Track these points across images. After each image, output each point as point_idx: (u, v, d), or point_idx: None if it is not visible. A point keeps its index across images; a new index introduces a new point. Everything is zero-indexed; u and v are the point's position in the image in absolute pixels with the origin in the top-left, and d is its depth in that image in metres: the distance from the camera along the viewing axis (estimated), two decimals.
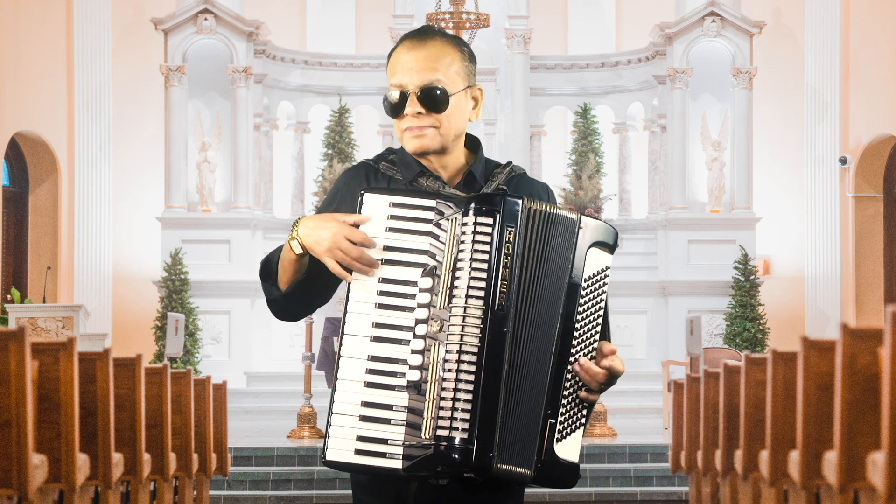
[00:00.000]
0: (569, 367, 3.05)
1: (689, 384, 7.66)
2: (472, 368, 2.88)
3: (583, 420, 3.11)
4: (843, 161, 16.90)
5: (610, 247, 3.12)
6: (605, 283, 3.12)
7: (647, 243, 16.41)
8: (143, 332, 15.81)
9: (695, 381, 7.49)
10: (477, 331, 2.89)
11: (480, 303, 2.89)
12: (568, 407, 3.07)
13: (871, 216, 17.00)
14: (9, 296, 13.36)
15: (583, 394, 3.08)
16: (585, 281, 3.07)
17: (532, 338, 2.97)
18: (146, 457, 5.60)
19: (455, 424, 2.87)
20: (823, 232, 17.11)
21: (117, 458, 4.91)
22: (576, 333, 3.06)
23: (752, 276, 15.85)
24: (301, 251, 3.06)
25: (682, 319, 14.66)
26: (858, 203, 17.00)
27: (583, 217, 3.08)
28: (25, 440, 3.52)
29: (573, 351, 3.06)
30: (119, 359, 5.29)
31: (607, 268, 3.12)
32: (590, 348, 3.09)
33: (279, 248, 3.17)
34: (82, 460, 4.30)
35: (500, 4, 16.80)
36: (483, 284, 2.90)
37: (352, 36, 17.71)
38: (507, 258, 2.92)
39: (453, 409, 2.87)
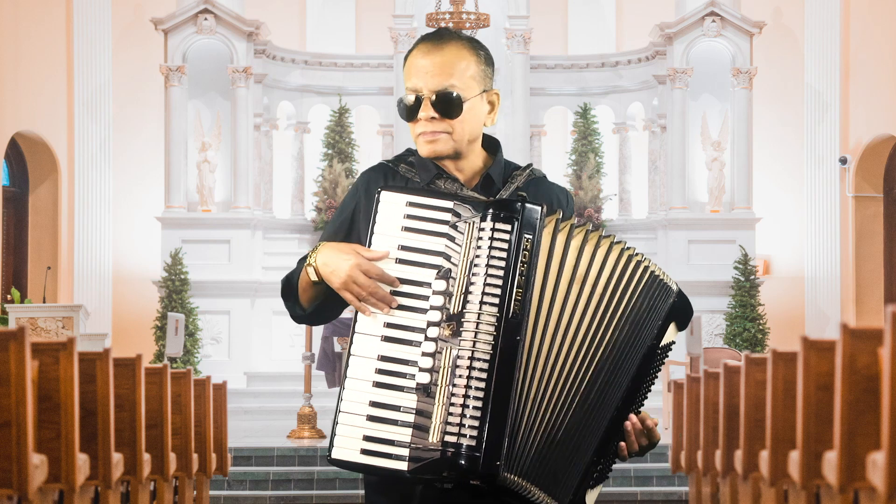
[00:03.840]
0: (625, 423, 3.11)
1: (689, 384, 7.66)
2: (484, 375, 2.86)
3: (608, 474, 3.18)
4: (843, 161, 16.90)
5: (684, 325, 3.18)
6: (666, 357, 3.17)
7: (647, 243, 16.40)
8: (143, 332, 15.81)
9: (695, 381, 7.49)
10: (490, 337, 2.87)
11: (495, 309, 2.88)
12: (609, 458, 3.13)
13: (871, 216, 17.00)
14: (9, 296, 13.36)
15: (623, 452, 3.15)
16: (659, 350, 3.12)
17: (567, 356, 2.96)
18: (146, 457, 5.59)
19: (464, 431, 2.85)
20: (823, 232, 17.11)
21: (117, 458, 4.91)
22: (637, 395, 3.11)
23: (752, 276, 15.84)
24: (317, 279, 3.07)
25: None
26: (858, 203, 17.01)
27: (680, 290, 3.15)
28: (25, 440, 3.52)
29: (631, 409, 3.11)
30: (119, 359, 5.29)
31: (673, 343, 3.17)
32: (636, 413, 3.15)
33: (299, 267, 3.17)
34: (82, 460, 4.30)
35: (500, 4, 16.80)
36: (498, 291, 2.88)
37: (352, 36, 17.70)
38: (523, 266, 2.90)
39: (462, 415, 2.85)
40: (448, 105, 3.09)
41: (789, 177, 17.26)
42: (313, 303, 3.18)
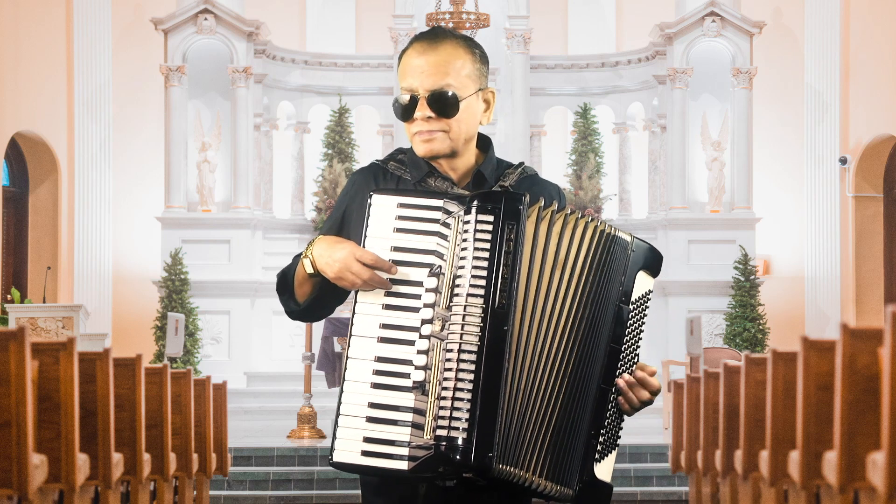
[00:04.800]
0: (613, 389, 3.07)
1: (689, 384, 7.66)
2: (472, 367, 2.86)
3: (618, 441, 3.14)
4: (843, 161, 16.90)
5: (655, 271, 3.15)
6: (647, 308, 3.14)
7: None
8: (143, 332, 15.81)
9: (695, 381, 7.49)
10: (476, 329, 2.87)
11: (480, 301, 2.88)
12: (608, 427, 3.09)
13: (871, 216, 17.00)
14: (9, 296, 13.35)
15: (625, 406, 3.11)
16: (632, 304, 3.09)
17: (553, 343, 2.96)
18: (146, 457, 5.59)
19: (454, 424, 2.85)
20: (823, 232, 17.11)
21: (117, 458, 4.91)
22: (621, 356, 3.08)
23: (752, 276, 15.84)
24: (312, 271, 3.07)
25: (682, 319, 14.66)
26: (858, 203, 17.00)
27: (635, 239, 3.10)
28: (25, 440, 3.51)
29: (617, 373, 3.08)
30: (119, 359, 5.29)
31: (650, 291, 3.14)
32: (630, 371, 3.11)
33: (294, 262, 3.17)
34: (82, 460, 4.30)
35: (500, 4, 16.80)
36: (483, 283, 2.88)
37: (352, 36, 17.70)
38: (507, 256, 2.90)
39: (452, 408, 2.85)
40: (444, 104, 3.09)
41: (789, 177, 17.26)
42: (308, 297, 3.18)
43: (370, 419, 2.90)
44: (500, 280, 2.89)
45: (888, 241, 16.91)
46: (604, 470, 3.08)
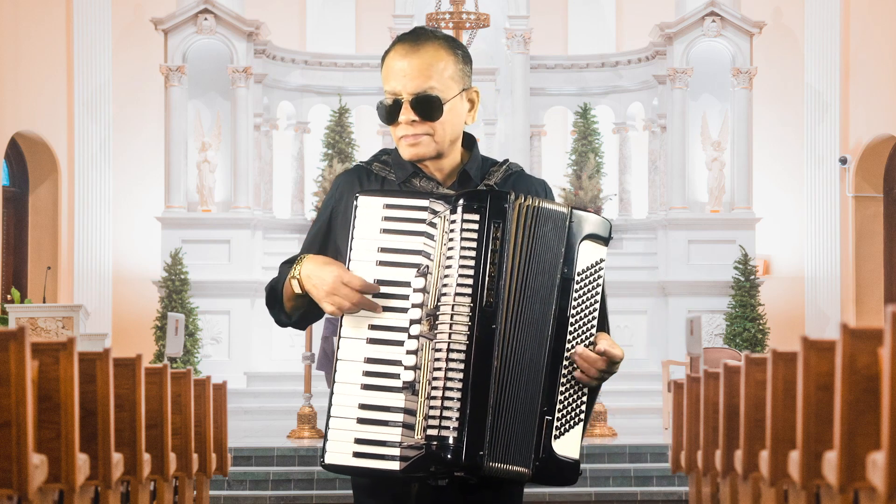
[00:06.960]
0: (564, 363, 3.02)
1: (689, 384, 7.66)
2: (461, 366, 2.87)
3: (581, 416, 3.06)
4: (843, 161, 16.90)
5: (604, 239, 3.07)
6: (599, 276, 3.08)
7: (647, 243, 16.40)
8: (143, 332, 15.80)
9: (695, 381, 7.49)
10: (465, 328, 2.88)
11: (468, 300, 2.88)
12: (565, 403, 3.03)
13: (871, 216, 17.00)
14: (9, 296, 13.35)
15: (578, 374, 3.03)
16: (578, 275, 3.03)
17: (525, 334, 2.95)
18: (146, 457, 5.59)
19: (445, 423, 2.85)
20: (823, 232, 17.11)
21: (117, 458, 4.91)
22: (570, 328, 3.02)
23: (752, 276, 15.84)
24: (300, 291, 3.07)
25: (682, 319, 14.65)
26: (858, 203, 17.00)
27: (574, 210, 3.04)
28: (25, 440, 3.52)
29: (568, 346, 3.02)
30: (119, 359, 5.29)
31: (601, 260, 3.07)
32: (586, 343, 3.05)
33: (282, 273, 3.17)
34: (82, 460, 4.30)
35: (500, 4, 16.80)
36: (470, 282, 2.88)
37: (352, 36, 17.71)
38: (494, 254, 2.90)
39: (443, 407, 2.86)
40: (428, 107, 3.08)
41: (789, 177, 17.26)
42: (298, 311, 3.18)
43: (361, 420, 2.91)
44: (487, 278, 2.89)
45: (888, 241, 16.91)
46: (566, 446, 3.02)
